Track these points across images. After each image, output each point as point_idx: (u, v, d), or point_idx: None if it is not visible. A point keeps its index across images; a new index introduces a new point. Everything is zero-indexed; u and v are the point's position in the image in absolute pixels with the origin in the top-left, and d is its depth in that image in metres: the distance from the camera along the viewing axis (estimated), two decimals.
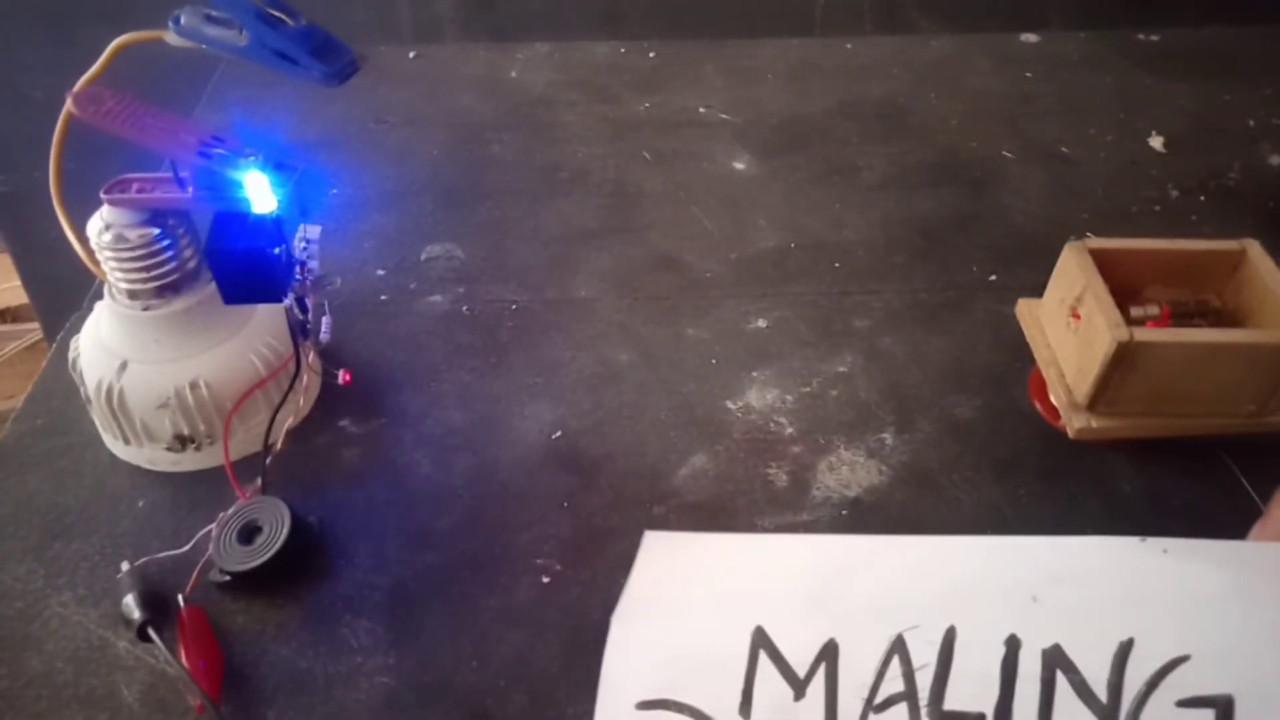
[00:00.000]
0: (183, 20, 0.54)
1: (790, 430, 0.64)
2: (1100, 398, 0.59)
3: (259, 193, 0.53)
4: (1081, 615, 0.46)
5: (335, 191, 0.85)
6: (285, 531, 0.54)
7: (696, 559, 0.52)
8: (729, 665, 0.48)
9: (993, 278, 0.76)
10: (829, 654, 0.47)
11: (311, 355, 0.61)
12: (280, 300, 0.55)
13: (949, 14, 1.18)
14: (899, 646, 0.47)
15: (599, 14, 1.19)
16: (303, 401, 0.62)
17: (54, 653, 0.52)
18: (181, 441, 0.59)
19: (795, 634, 0.49)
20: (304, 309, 0.56)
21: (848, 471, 0.61)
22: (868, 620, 0.48)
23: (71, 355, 0.60)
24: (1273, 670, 0.45)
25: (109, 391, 0.57)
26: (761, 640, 0.49)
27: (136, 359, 0.58)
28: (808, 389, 0.67)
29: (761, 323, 0.72)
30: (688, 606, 0.51)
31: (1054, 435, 0.63)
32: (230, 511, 0.55)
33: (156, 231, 0.56)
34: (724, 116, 0.95)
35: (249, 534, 0.54)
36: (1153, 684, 0.44)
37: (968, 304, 0.73)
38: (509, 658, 0.51)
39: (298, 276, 0.55)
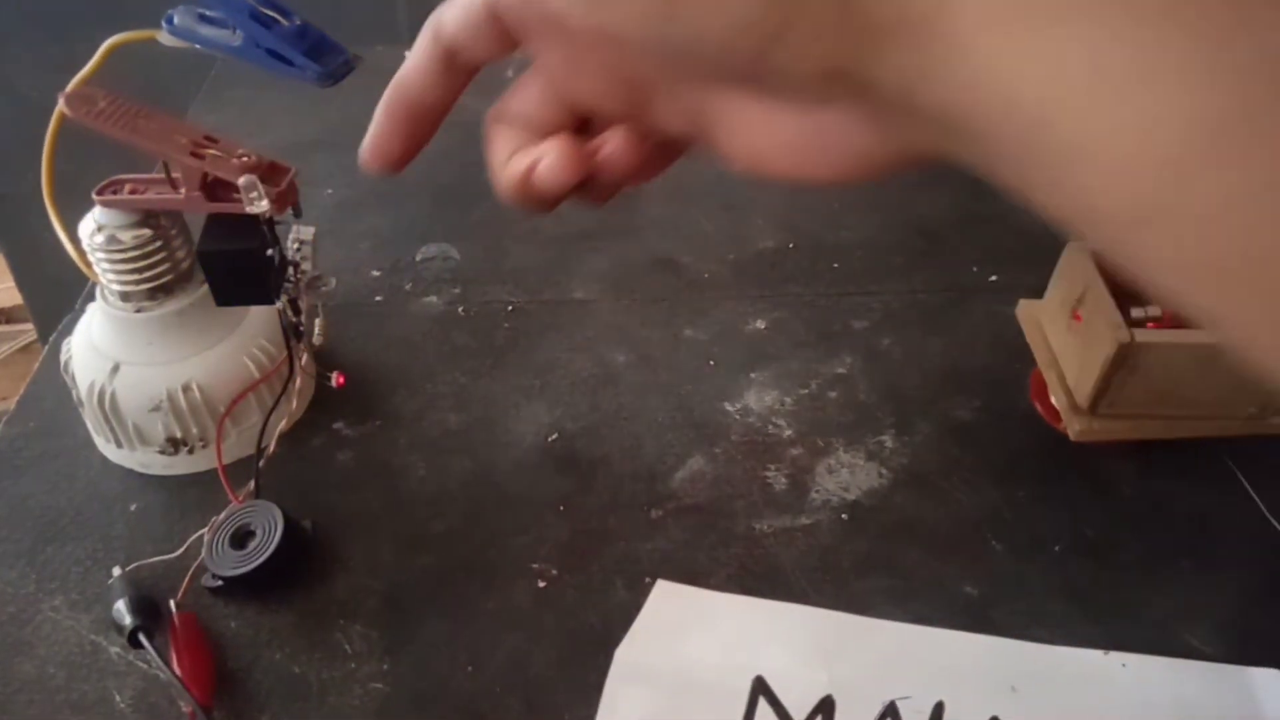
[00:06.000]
0: (176, 20, 0.53)
1: (789, 432, 0.63)
2: (1101, 400, 0.59)
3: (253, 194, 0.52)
4: (1053, 713, 0.50)
5: (330, 192, 0.84)
6: (278, 535, 0.53)
7: (703, 610, 0.54)
8: (729, 703, 0.50)
9: (993, 278, 0.76)
10: (826, 708, 0.49)
11: (305, 357, 0.60)
12: (273, 302, 0.54)
13: None
14: (892, 711, 0.49)
15: None
16: (296, 404, 0.62)
17: (45, 658, 0.51)
18: (174, 444, 0.59)
19: (794, 686, 0.50)
20: (297, 311, 0.56)
21: (847, 474, 0.61)
22: (863, 684, 0.50)
23: (63, 357, 0.60)
24: None
25: (101, 394, 0.57)
26: (761, 688, 0.50)
27: (129, 361, 0.57)
28: (806, 390, 0.66)
29: (760, 324, 0.71)
30: (691, 649, 0.52)
31: (1055, 437, 0.62)
32: (223, 515, 0.55)
33: (149, 233, 0.55)
34: None
35: (242, 538, 0.54)
36: None
37: (968, 305, 0.73)
38: (505, 662, 0.51)
39: (291, 278, 0.55)
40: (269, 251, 0.53)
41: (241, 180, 0.51)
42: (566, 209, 0.30)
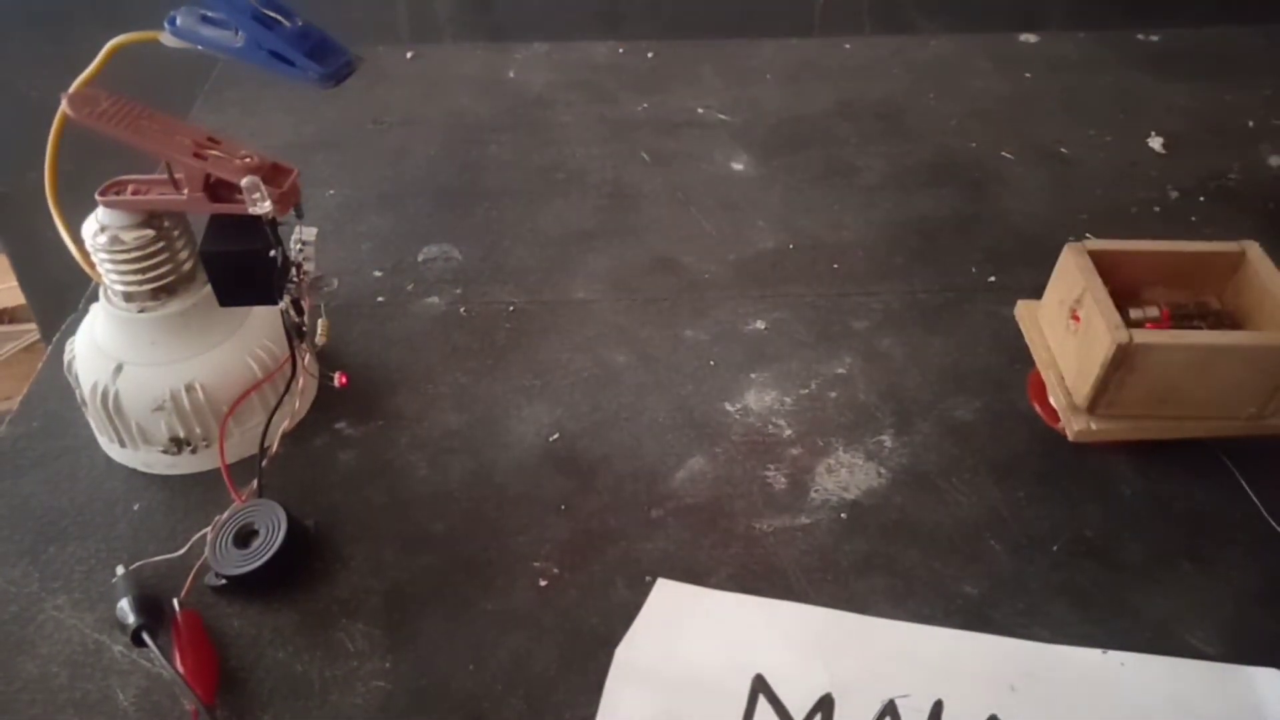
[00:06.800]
0: (178, 21, 0.54)
1: (789, 432, 0.63)
2: (1100, 400, 0.59)
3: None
4: (1052, 712, 0.50)
5: (332, 192, 0.85)
6: (281, 535, 0.54)
7: (704, 610, 0.54)
8: (729, 702, 0.50)
9: (992, 279, 0.76)
10: (825, 706, 0.50)
11: (308, 357, 0.60)
12: (276, 302, 0.55)
13: (948, 14, 1.17)
14: (891, 709, 0.50)
15: (597, 14, 1.19)
16: (299, 404, 0.62)
17: (49, 657, 0.51)
18: (177, 444, 0.59)
19: (794, 685, 0.50)
20: (300, 311, 0.56)
21: (846, 474, 0.61)
22: (863, 683, 0.51)
23: (67, 358, 0.60)
24: None
25: (104, 394, 0.57)
26: (761, 686, 0.50)
27: (132, 361, 0.58)
28: (806, 391, 0.66)
29: (760, 324, 0.72)
30: (692, 648, 0.52)
31: (1053, 438, 0.63)
32: (226, 514, 0.55)
33: (152, 234, 0.55)
34: (722, 117, 0.95)
35: (245, 537, 0.54)
36: None
37: (967, 305, 0.73)
38: (506, 661, 0.51)
39: (293, 278, 0.55)
40: (271, 252, 0.53)
41: (244, 181, 0.51)
42: (565, 209, 0.30)
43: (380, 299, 0.74)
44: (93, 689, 0.50)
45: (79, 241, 0.57)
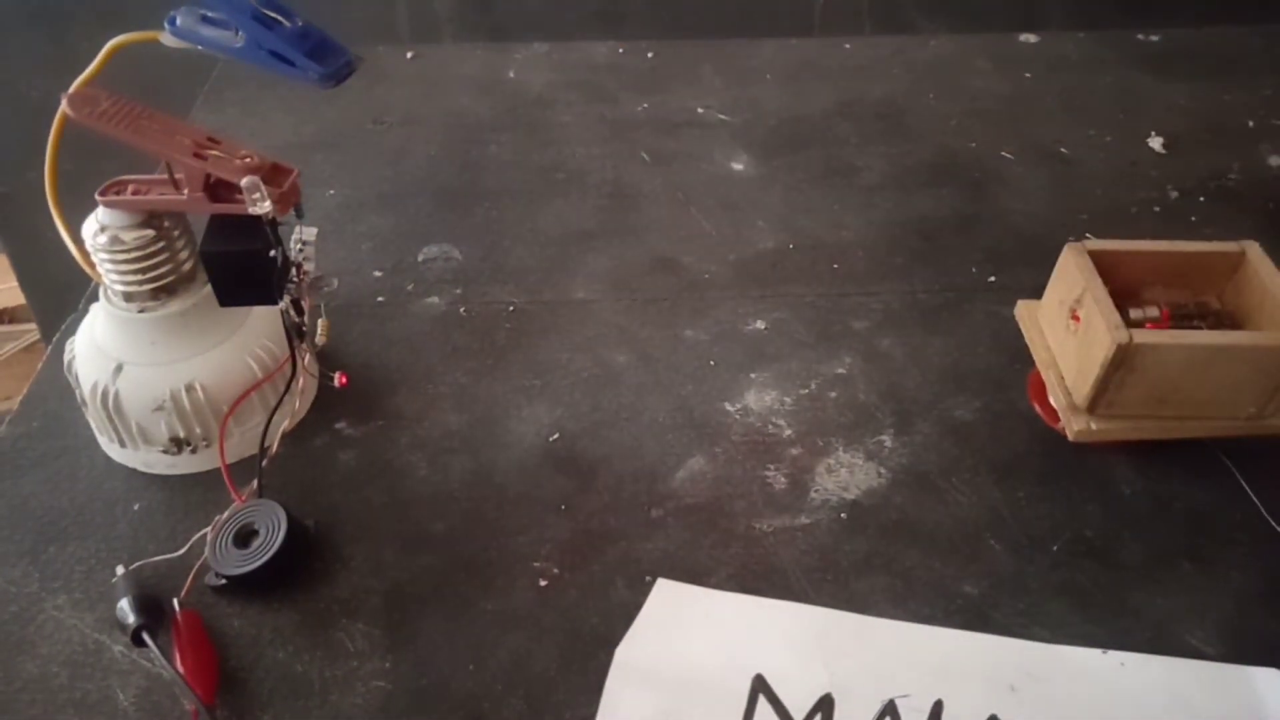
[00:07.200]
0: (178, 21, 0.54)
1: (789, 432, 0.63)
2: (1100, 400, 0.59)
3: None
4: (1052, 712, 0.50)
5: (332, 192, 0.85)
6: (281, 535, 0.54)
7: (704, 610, 0.54)
8: (729, 702, 0.50)
9: (992, 279, 0.76)
10: (825, 707, 0.50)
11: (308, 357, 0.60)
12: (276, 302, 0.55)
13: (948, 14, 1.18)
14: (891, 710, 0.50)
15: (597, 14, 1.19)
16: (299, 404, 0.62)
17: (49, 656, 0.51)
18: (177, 444, 0.59)
19: (794, 685, 0.50)
20: (300, 311, 0.56)
21: (846, 474, 0.61)
22: (863, 683, 0.51)
23: (67, 358, 0.60)
24: None
25: (104, 394, 0.57)
26: (761, 686, 0.50)
27: (132, 361, 0.58)
28: (806, 391, 0.66)
29: (760, 324, 0.72)
30: (692, 648, 0.52)
31: (1053, 437, 0.63)
32: (226, 514, 0.55)
33: (152, 234, 0.55)
34: (722, 117, 0.95)
35: (245, 537, 0.54)
36: None
37: (967, 305, 0.73)
38: (506, 661, 0.51)
39: (293, 278, 0.55)
40: (272, 252, 0.53)
41: (244, 181, 0.51)
42: (565, 209, 0.30)
43: (380, 299, 0.74)
44: (93, 689, 0.50)
45: (79, 241, 0.57)
